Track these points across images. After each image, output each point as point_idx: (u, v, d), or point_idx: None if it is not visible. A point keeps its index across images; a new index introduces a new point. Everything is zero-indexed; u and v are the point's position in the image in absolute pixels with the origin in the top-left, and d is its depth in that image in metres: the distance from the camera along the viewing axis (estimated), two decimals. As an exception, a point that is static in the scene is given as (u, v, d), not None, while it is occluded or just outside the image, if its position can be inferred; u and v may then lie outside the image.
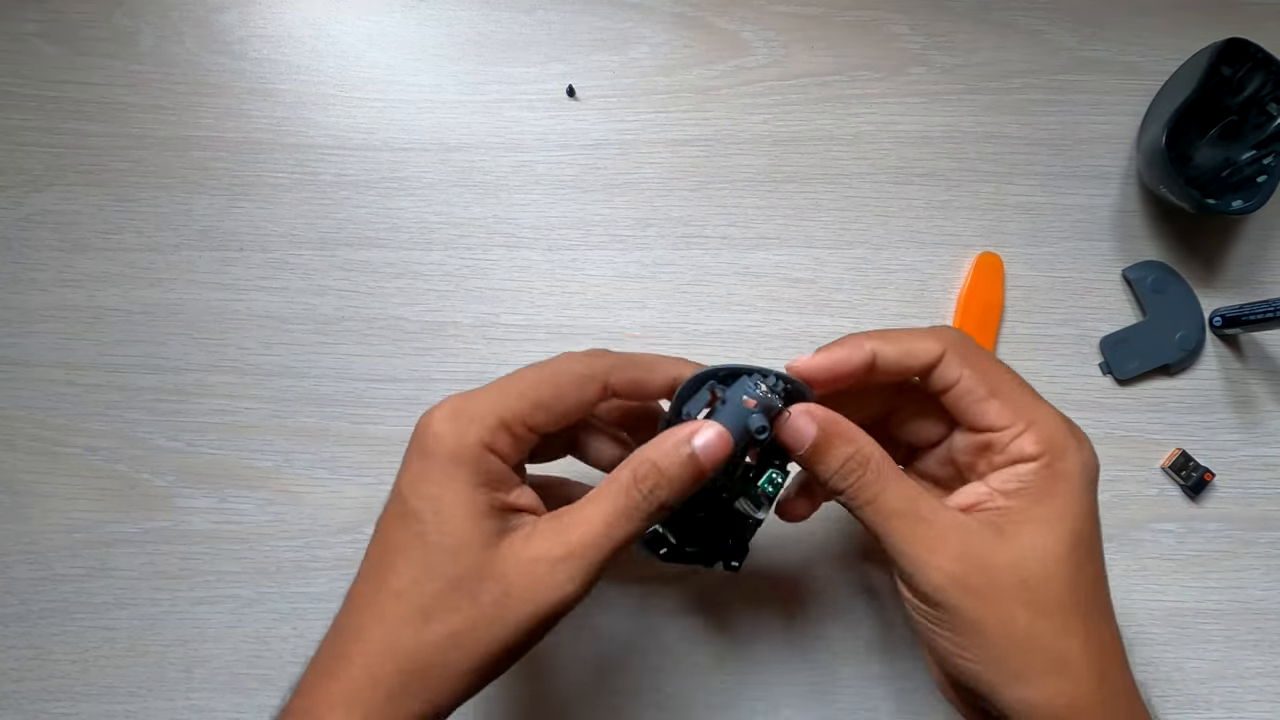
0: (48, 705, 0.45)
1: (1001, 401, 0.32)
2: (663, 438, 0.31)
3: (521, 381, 0.32)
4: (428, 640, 0.29)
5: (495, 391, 0.32)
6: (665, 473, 0.31)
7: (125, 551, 0.45)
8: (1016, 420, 0.32)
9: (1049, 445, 0.31)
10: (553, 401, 0.32)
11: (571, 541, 0.30)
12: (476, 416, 0.31)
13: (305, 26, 0.49)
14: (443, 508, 0.30)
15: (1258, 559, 0.47)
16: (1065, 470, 0.31)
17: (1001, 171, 0.48)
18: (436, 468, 0.31)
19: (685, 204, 0.48)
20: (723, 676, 0.45)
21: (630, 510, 0.31)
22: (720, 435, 0.31)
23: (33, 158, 0.47)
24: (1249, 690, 0.46)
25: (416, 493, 0.31)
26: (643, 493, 0.31)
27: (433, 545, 0.30)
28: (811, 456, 0.32)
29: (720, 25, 0.49)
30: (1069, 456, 0.31)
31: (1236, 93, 0.46)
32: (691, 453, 0.31)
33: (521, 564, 0.30)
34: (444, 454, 0.31)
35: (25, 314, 0.47)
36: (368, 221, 0.47)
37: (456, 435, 0.31)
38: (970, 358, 0.33)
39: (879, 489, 0.31)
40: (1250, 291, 0.48)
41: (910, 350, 0.33)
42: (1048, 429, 0.32)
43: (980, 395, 0.32)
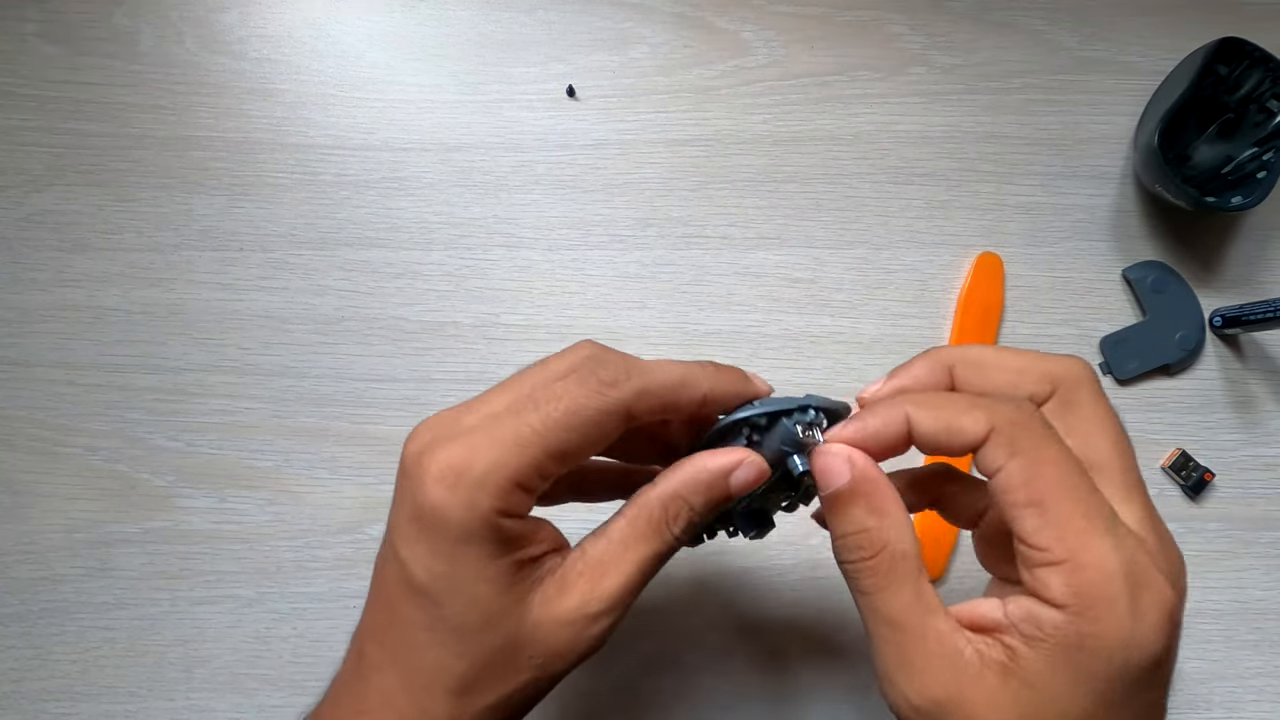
0: (48, 705, 0.45)
1: (1043, 516, 0.25)
2: (696, 468, 0.29)
3: (526, 424, 0.27)
4: (465, 713, 0.28)
5: (497, 441, 0.27)
6: (697, 509, 0.29)
7: (125, 551, 0.45)
8: (1052, 545, 0.24)
9: (1082, 598, 0.24)
10: (572, 449, 0.28)
11: (606, 594, 0.28)
12: (484, 481, 0.26)
13: (305, 26, 0.49)
14: (458, 585, 0.27)
15: (1258, 559, 0.47)
16: (1096, 641, 0.24)
17: (1001, 171, 0.48)
18: (444, 543, 0.27)
19: (685, 204, 0.48)
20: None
21: (661, 551, 0.29)
22: (759, 471, 0.29)
23: (33, 158, 0.47)
24: (1249, 690, 0.46)
25: (424, 568, 0.27)
26: (674, 532, 0.29)
27: (459, 629, 0.27)
28: (829, 505, 0.28)
29: (720, 25, 0.49)
30: (1109, 621, 0.24)
31: (1233, 90, 0.46)
32: (725, 485, 0.29)
33: (558, 624, 0.28)
34: (451, 530, 0.26)
35: (25, 314, 0.47)
36: (368, 221, 0.47)
37: (464, 508, 0.26)
38: (1023, 446, 0.25)
39: (880, 585, 0.27)
40: (1250, 291, 0.48)
41: (951, 428, 0.26)
42: (1091, 573, 0.24)
43: (1019, 500, 0.25)
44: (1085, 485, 0.25)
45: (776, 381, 0.47)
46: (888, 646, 0.26)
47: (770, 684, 0.45)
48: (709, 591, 0.46)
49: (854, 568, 0.27)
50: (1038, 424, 0.26)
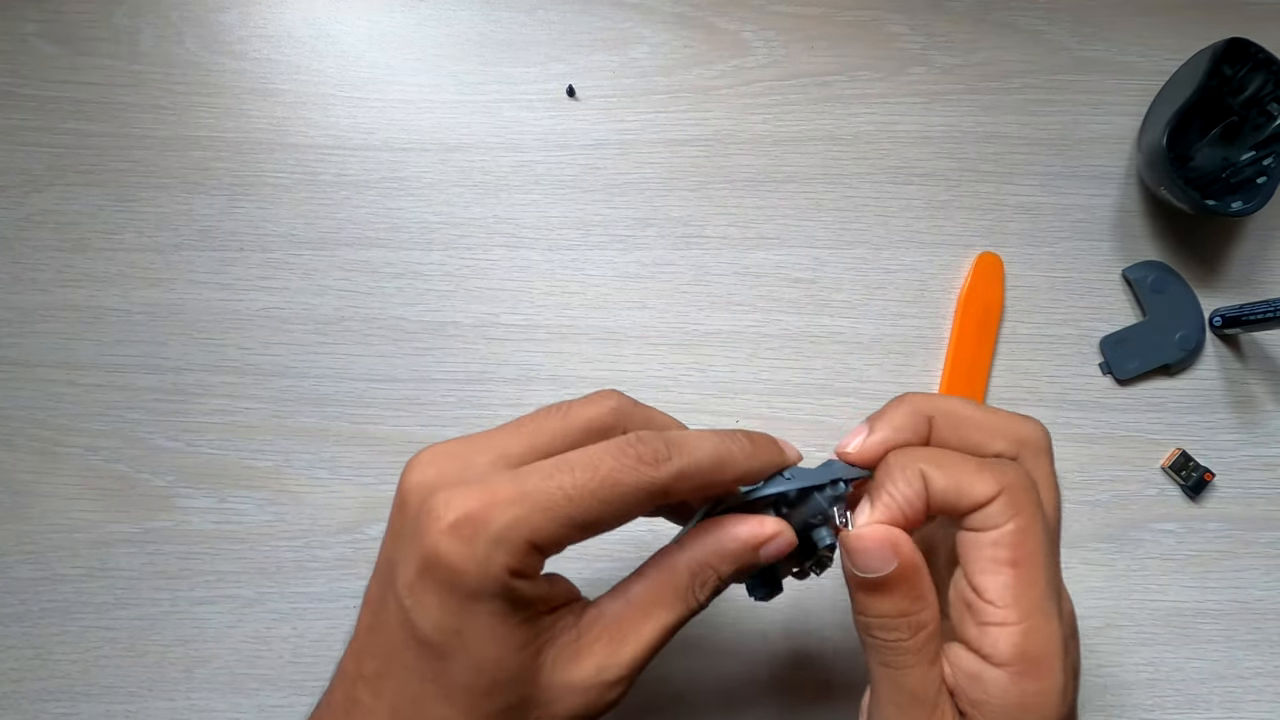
0: (48, 705, 0.45)
1: (1016, 577, 0.27)
2: (728, 537, 0.28)
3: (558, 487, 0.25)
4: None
5: (521, 498, 0.25)
6: (724, 578, 0.28)
7: (125, 551, 0.45)
8: (1013, 606, 0.26)
9: (1028, 661, 0.26)
10: (599, 523, 0.26)
11: (626, 661, 0.27)
12: (502, 539, 0.25)
13: (305, 26, 0.49)
14: (468, 645, 0.25)
15: (1258, 559, 0.47)
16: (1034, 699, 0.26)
17: (1001, 171, 0.48)
18: (455, 600, 0.25)
19: (685, 204, 0.48)
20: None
21: (684, 617, 0.28)
22: (788, 544, 0.29)
23: (33, 158, 0.47)
24: (1249, 690, 0.46)
25: (432, 623, 0.25)
26: (700, 598, 0.28)
27: (462, 685, 0.26)
28: (870, 587, 0.28)
29: (720, 25, 0.49)
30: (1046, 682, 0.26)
31: (1237, 93, 0.46)
32: (755, 556, 0.29)
33: (573, 689, 0.27)
34: (464, 588, 0.25)
35: (25, 314, 0.47)
36: (368, 221, 0.47)
37: (479, 564, 0.24)
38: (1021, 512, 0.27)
39: (912, 664, 0.27)
40: (1250, 291, 0.48)
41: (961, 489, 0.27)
42: (1039, 637, 0.26)
43: (1003, 557, 0.27)
44: (1054, 555, 0.28)
45: (777, 382, 0.47)
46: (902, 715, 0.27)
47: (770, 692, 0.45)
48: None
49: (887, 647, 0.28)
50: (1034, 493, 0.28)
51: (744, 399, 0.47)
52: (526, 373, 0.47)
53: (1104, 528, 0.47)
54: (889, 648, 0.28)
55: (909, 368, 0.47)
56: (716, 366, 0.47)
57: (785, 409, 0.47)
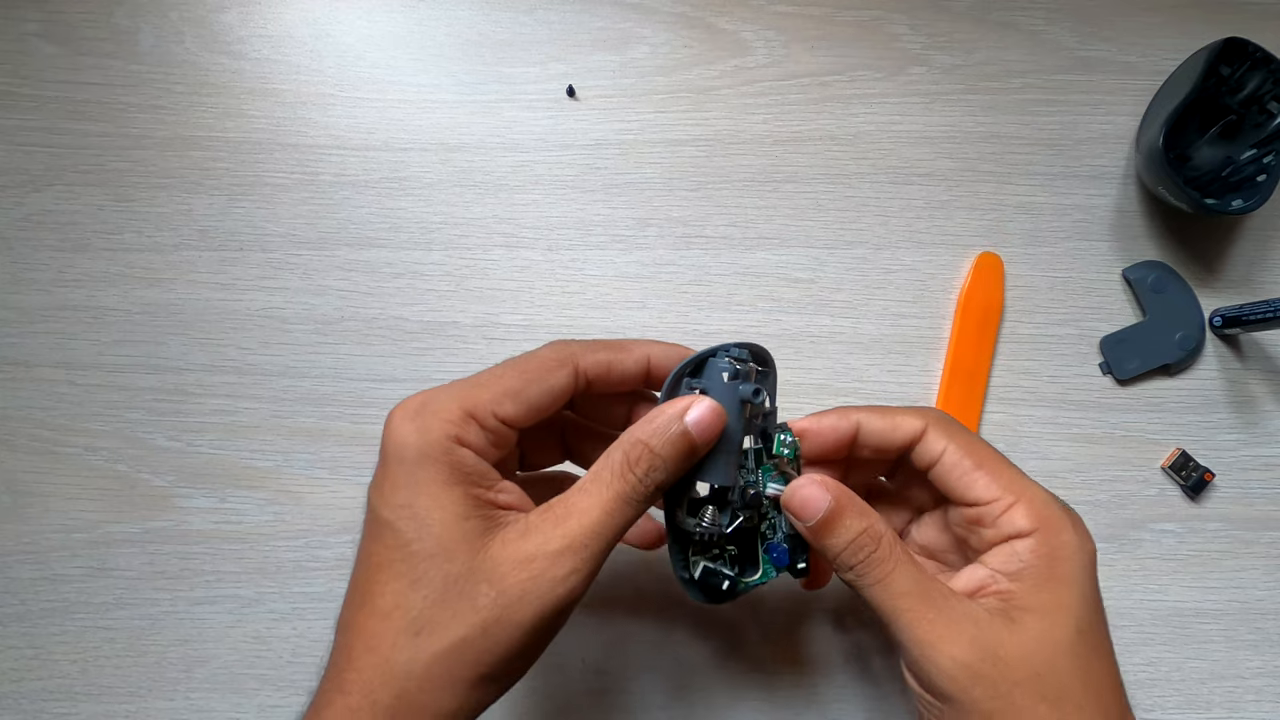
0: (48, 705, 0.45)
1: (988, 474, 0.32)
2: (653, 415, 0.30)
3: (487, 373, 0.31)
4: (423, 656, 0.27)
5: (460, 384, 0.30)
6: (659, 453, 0.30)
7: (125, 551, 0.45)
8: (1005, 494, 0.31)
9: (1041, 520, 0.30)
10: (520, 387, 0.30)
11: (570, 533, 0.28)
12: (439, 410, 0.29)
13: (305, 26, 0.49)
14: (417, 513, 0.28)
15: (1258, 559, 0.47)
16: (1063, 550, 0.30)
17: (1001, 171, 0.48)
18: (403, 472, 0.29)
19: (685, 204, 0.48)
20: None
21: (626, 495, 0.29)
22: (712, 409, 0.30)
23: (33, 158, 0.47)
24: (1249, 690, 0.46)
25: (386, 503, 0.29)
26: (638, 475, 0.29)
27: (414, 555, 0.28)
28: (821, 529, 0.31)
29: (720, 25, 0.49)
30: (1064, 534, 0.30)
31: (1236, 92, 0.46)
32: (684, 430, 0.30)
33: (518, 562, 0.28)
34: (409, 456, 0.29)
35: (25, 314, 0.47)
36: (368, 221, 0.47)
37: (420, 433, 0.29)
38: (954, 434, 0.32)
39: (890, 568, 0.30)
40: (1250, 291, 0.48)
41: (895, 424, 0.33)
42: (1037, 504, 0.31)
43: (966, 468, 0.32)
44: (1002, 454, 0.33)
45: (778, 382, 0.47)
46: (913, 619, 0.29)
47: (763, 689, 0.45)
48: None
49: (864, 564, 0.30)
50: (957, 422, 0.33)
51: (744, 399, 0.47)
52: (526, 373, 0.47)
53: (1104, 528, 0.47)
54: (865, 566, 0.30)
55: (909, 368, 0.47)
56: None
57: (785, 409, 0.46)
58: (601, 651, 0.45)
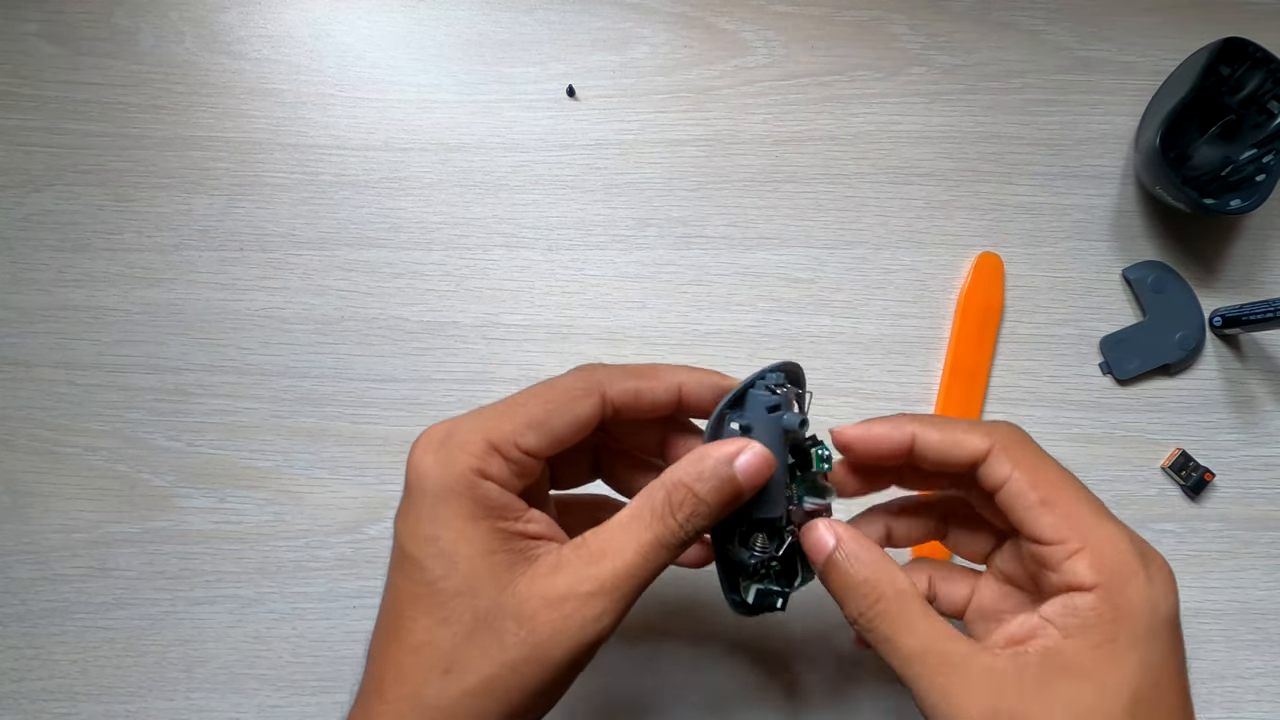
0: (48, 705, 0.45)
1: (1055, 512, 0.28)
2: (699, 456, 0.29)
3: (511, 401, 0.30)
4: (452, 692, 0.27)
5: (482, 414, 0.30)
6: (703, 499, 0.29)
7: (125, 551, 0.45)
8: (1070, 537, 0.28)
9: (1108, 573, 0.27)
10: (543, 418, 0.30)
11: (602, 575, 0.28)
12: (462, 443, 0.29)
13: (305, 26, 0.49)
14: (443, 549, 0.28)
15: (1258, 559, 0.47)
16: (1129, 607, 0.27)
17: (1001, 171, 0.48)
18: (427, 505, 0.28)
19: (685, 204, 0.48)
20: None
21: (665, 540, 0.28)
22: (763, 457, 0.29)
23: (33, 158, 0.47)
24: (1249, 690, 0.46)
25: (412, 536, 0.28)
26: (678, 520, 0.28)
27: (441, 592, 0.28)
28: (828, 571, 0.30)
29: (720, 25, 0.49)
30: (1133, 589, 0.27)
31: (1235, 92, 0.46)
32: (732, 476, 0.29)
33: (548, 602, 0.27)
34: (432, 489, 0.28)
35: (25, 314, 0.47)
36: (368, 221, 0.47)
37: (442, 466, 0.28)
38: (1022, 458, 0.29)
39: (897, 627, 0.28)
40: (1250, 291, 0.48)
41: (956, 440, 0.30)
42: (1108, 552, 0.27)
43: (1031, 501, 0.29)
44: (1080, 485, 0.29)
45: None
46: (925, 681, 0.28)
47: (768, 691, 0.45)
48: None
49: (868, 617, 0.29)
50: (1029, 440, 0.30)
51: (744, 399, 0.47)
52: (526, 373, 0.47)
53: (1104, 528, 0.47)
54: (871, 617, 0.29)
55: (909, 368, 0.47)
56: (716, 366, 0.47)
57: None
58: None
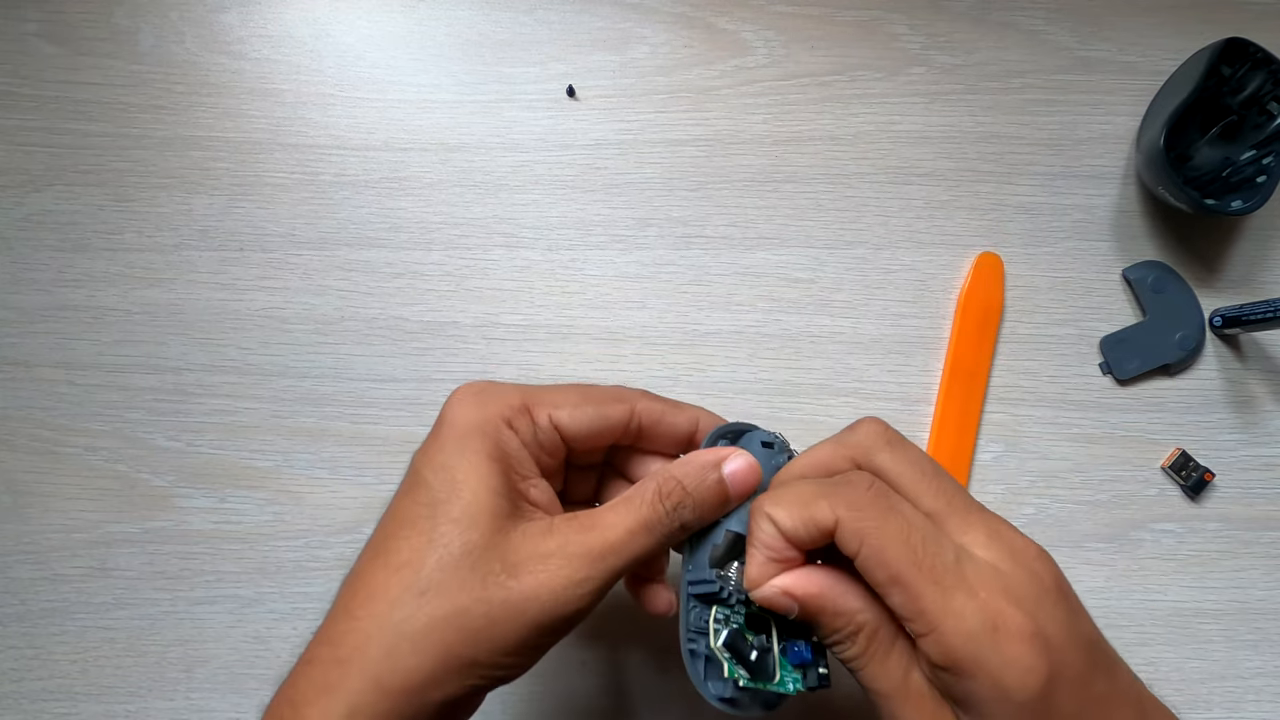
0: (48, 705, 0.45)
1: (902, 593, 0.26)
2: (691, 457, 0.31)
3: (549, 386, 0.33)
4: (422, 616, 0.27)
5: (523, 384, 0.32)
6: (691, 493, 0.30)
7: (125, 551, 0.45)
8: (917, 619, 0.26)
9: (956, 664, 0.26)
10: (580, 403, 0.32)
11: (591, 543, 0.29)
12: (500, 393, 0.31)
13: (305, 26, 0.49)
14: (454, 476, 0.29)
15: (1258, 559, 0.47)
16: (979, 695, 0.25)
17: (1001, 171, 0.48)
18: (453, 438, 0.30)
19: (685, 204, 0.48)
20: None
21: (652, 523, 0.29)
22: (749, 464, 0.31)
23: (33, 158, 0.47)
24: (1249, 690, 0.46)
25: (430, 463, 0.30)
26: (666, 508, 0.30)
27: (439, 514, 0.29)
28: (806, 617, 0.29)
29: (720, 25, 0.49)
30: (980, 679, 0.25)
31: (1237, 92, 0.46)
32: (719, 478, 0.30)
33: (536, 556, 0.28)
34: (461, 425, 0.30)
35: (25, 314, 0.47)
36: (368, 221, 0.47)
37: (478, 407, 0.31)
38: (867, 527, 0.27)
39: (866, 660, 0.28)
40: (1250, 291, 0.48)
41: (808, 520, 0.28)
42: (953, 641, 0.25)
43: (881, 580, 0.27)
44: (931, 548, 0.26)
45: (777, 382, 0.47)
46: (881, 709, 0.28)
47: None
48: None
49: (843, 657, 0.29)
50: (876, 501, 0.27)
51: (744, 399, 0.47)
52: (527, 373, 0.47)
53: (1104, 528, 0.47)
54: (843, 657, 0.29)
55: (909, 368, 0.47)
56: (716, 366, 0.47)
57: (785, 409, 0.47)
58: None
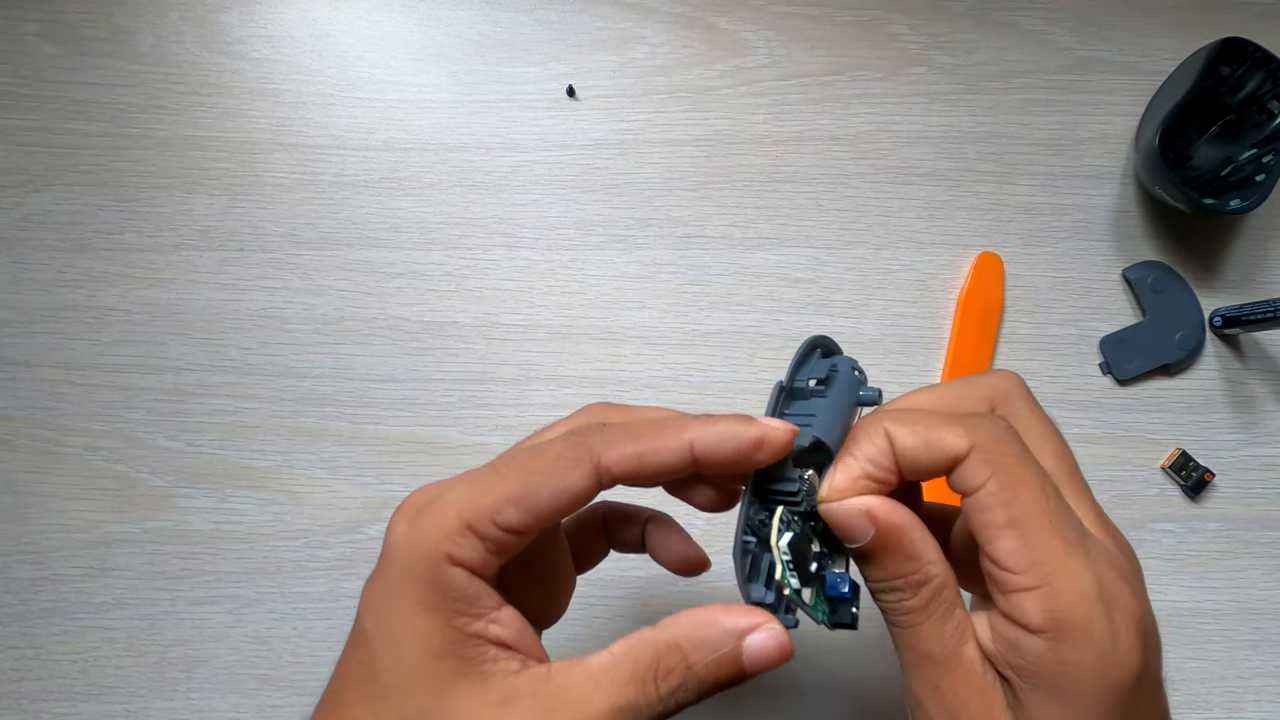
0: (48, 705, 0.45)
1: (1019, 536, 0.24)
2: (706, 620, 0.25)
3: (495, 469, 0.26)
4: None
5: (466, 481, 0.26)
6: (696, 673, 0.24)
7: (125, 551, 0.45)
8: (1027, 569, 0.24)
9: (1060, 625, 0.24)
10: (526, 491, 0.25)
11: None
12: (436, 518, 0.25)
13: (305, 26, 0.49)
14: (392, 633, 0.25)
15: (1258, 559, 0.47)
16: (1075, 667, 0.24)
17: (1001, 171, 0.49)
18: (391, 581, 0.25)
19: (685, 204, 0.48)
20: None
21: (639, 709, 0.24)
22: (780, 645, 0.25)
23: (33, 158, 0.47)
24: (1249, 690, 0.46)
25: (371, 609, 0.25)
26: (660, 692, 0.24)
27: (380, 683, 0.25)
28: (859, 556, 0.27)
29: (720, 25, 0.49)
30: (1084, 647, 0.23)
31: (1235, 91, 0.46)
32: (737, 656, 0.24)
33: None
34: (398, 562, 0.25)
35: (25, 314, 0.47)
36: (368, 221, 0.47)
37: (410, 540, 0.25)
38: (1001, 463, 0.25)
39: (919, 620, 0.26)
40: (1250, 291, 0.48)
41: (931, 442, 0.25)
42: (1065, 599, 0.24)
43: (997, 519, 0.24)
44: (1060, 505, 0.25)
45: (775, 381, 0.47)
46: (920, 674, 0.26)
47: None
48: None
49: (893, 609, 0.26)
50: (1015, 443, 0.25)
51: (744, 399, 0.47)
52: (526, 373, 0.47)
53: (1104, 528, 0.47)
54: (894, 608, 0.26)
55: (909, 368, 0.47)
56: (716, 366, 0.47)
57: (785, 409, 0.47)
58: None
